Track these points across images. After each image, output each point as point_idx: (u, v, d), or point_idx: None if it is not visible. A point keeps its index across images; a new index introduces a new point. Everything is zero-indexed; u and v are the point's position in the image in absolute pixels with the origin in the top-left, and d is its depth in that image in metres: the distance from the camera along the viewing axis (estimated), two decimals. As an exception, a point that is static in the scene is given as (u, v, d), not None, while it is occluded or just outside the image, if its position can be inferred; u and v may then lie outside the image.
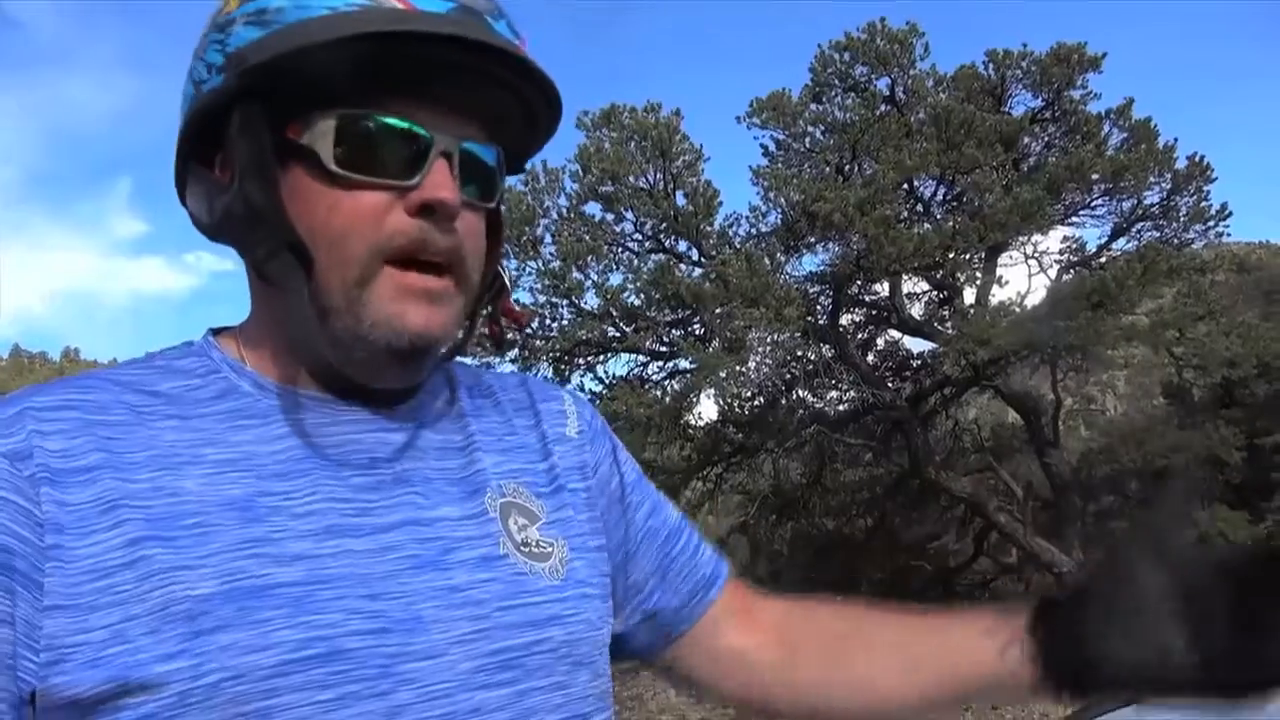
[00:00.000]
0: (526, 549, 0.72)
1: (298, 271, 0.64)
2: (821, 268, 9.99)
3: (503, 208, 0.77)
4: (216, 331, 0.75)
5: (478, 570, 0.68)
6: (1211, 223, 9.81)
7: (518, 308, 0.82)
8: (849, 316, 10.74)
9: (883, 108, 9.81)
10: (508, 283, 0.79)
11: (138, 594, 0.59)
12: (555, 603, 0.71)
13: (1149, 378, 13.41)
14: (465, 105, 0.68)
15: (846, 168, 9.66)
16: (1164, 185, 9.70)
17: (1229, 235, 10.15)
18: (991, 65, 9.72)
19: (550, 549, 0.74)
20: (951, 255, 9.19)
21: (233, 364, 0.71)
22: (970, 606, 0.81)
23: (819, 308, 10.07)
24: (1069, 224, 10.23)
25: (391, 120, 0.65)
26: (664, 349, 9.76)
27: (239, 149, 0.64)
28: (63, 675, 0.57)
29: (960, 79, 9.77)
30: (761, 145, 10.16)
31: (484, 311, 0.77)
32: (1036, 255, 10.33)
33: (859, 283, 10.04)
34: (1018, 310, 9.64)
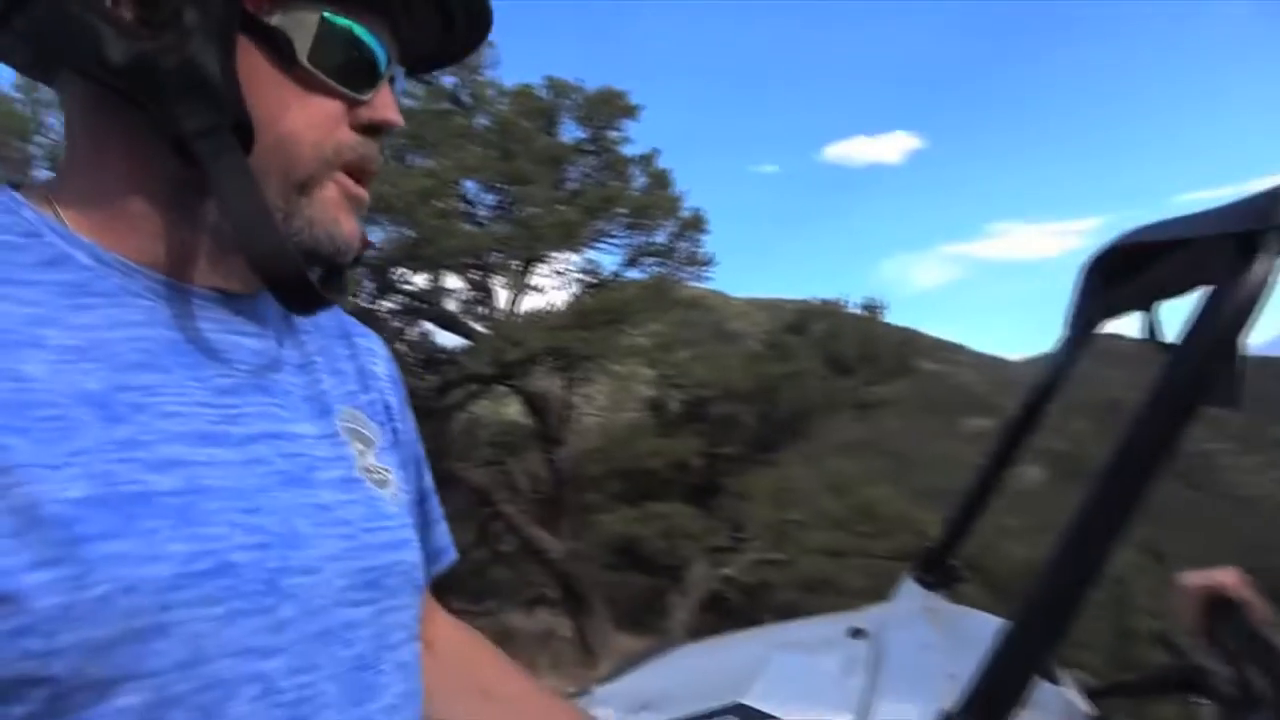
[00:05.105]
0: (369, 474, 0.71)
1: (235, 154, 0.59)
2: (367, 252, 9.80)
3: None
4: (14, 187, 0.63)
5: (340, 491, 0.67)
6: (700, 268, 11.71)
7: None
8: (387, 303, 10.70)
9: (446, 104, 10.02)
10: None
11: None
12: (402, 528, 0.72)
13: (629, 391, 15.43)
14: (402, 27, 0.68)
15: (406, 157, 9.66)
16: (670, 229, 11.34)
17: (711, 280, 12.21)
18: (551, 90, 10.50)
19: (387, 476, 0.73)
20: (496, 258, 9.70)
21: (58, 229, 0.61)
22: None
23: (360, 291, 9.88)
24: (594, 248, 11.42)
25: (367, 35, 0.65)
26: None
27: (196, 5, 0.58)
28: None
29: (519, 96, 10.38)
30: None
31: None
32: (564, 271, 11.35)
33: (400, 271, 10.07)
34: (546, 317, 10.48)
